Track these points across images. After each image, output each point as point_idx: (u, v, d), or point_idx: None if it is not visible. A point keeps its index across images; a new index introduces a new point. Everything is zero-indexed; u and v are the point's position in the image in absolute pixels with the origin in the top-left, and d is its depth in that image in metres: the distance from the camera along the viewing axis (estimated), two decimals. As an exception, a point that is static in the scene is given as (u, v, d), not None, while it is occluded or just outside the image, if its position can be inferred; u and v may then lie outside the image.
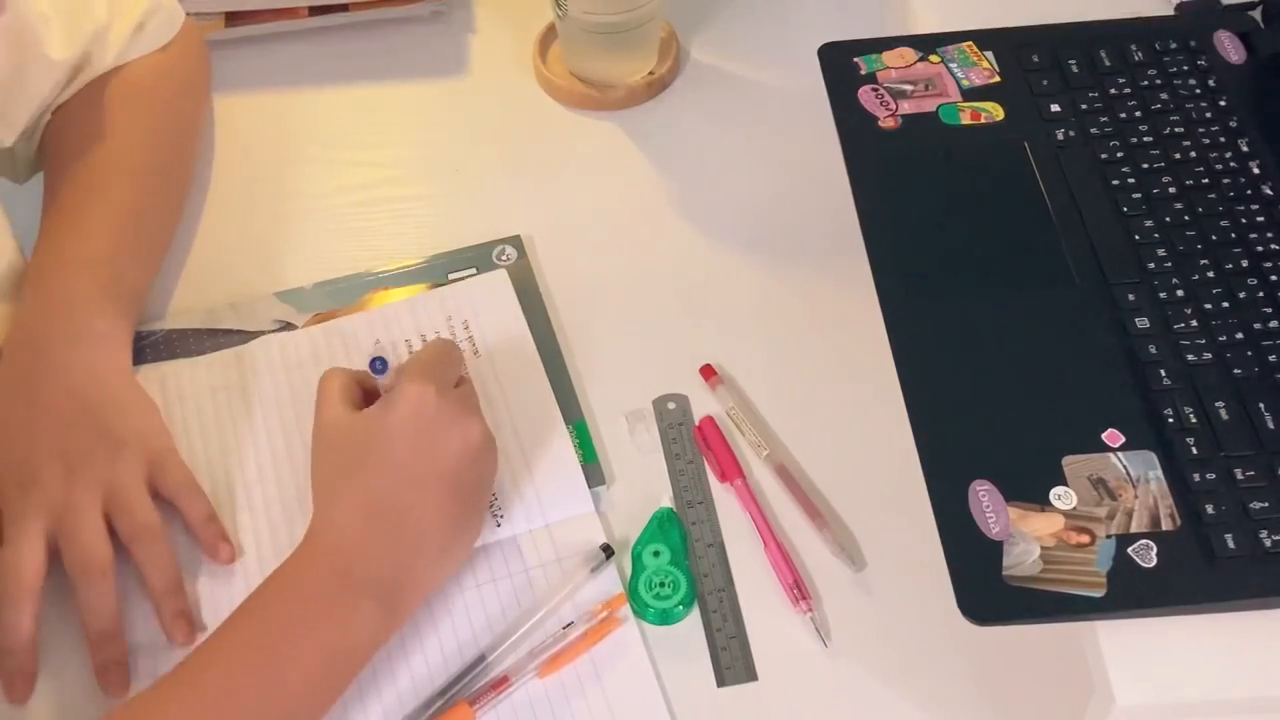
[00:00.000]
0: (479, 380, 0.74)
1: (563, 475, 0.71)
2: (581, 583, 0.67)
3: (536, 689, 0.64)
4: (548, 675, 0.64)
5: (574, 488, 0.70)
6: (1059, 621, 0.58)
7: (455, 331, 0.77)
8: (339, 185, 0.88)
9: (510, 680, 0.64)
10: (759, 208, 0.84)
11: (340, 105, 0.93)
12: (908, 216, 0.72)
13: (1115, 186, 0.73)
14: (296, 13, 0.95)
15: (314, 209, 0.86)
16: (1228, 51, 0.79)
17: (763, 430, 0.73)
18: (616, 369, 0.77)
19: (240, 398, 0.75)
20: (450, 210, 0.86)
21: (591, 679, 0.64)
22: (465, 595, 0.67)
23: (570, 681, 0.64)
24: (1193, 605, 0.58)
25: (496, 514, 0.70)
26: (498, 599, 0.67)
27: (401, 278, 0.81)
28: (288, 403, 0.75)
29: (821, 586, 0.68)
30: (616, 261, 0.82)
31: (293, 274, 0.82)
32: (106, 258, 0.75)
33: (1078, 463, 0.62)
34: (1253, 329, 0.66)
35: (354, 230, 0.85)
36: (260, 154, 0.90)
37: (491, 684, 0.64)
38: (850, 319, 0.75)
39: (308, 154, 0.90)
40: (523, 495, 0.70)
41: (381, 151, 0.88)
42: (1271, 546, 0.59)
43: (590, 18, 0.86)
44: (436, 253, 0.82)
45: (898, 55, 0.80)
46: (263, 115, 0.92)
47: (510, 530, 0.69)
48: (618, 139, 0.89)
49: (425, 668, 0.65)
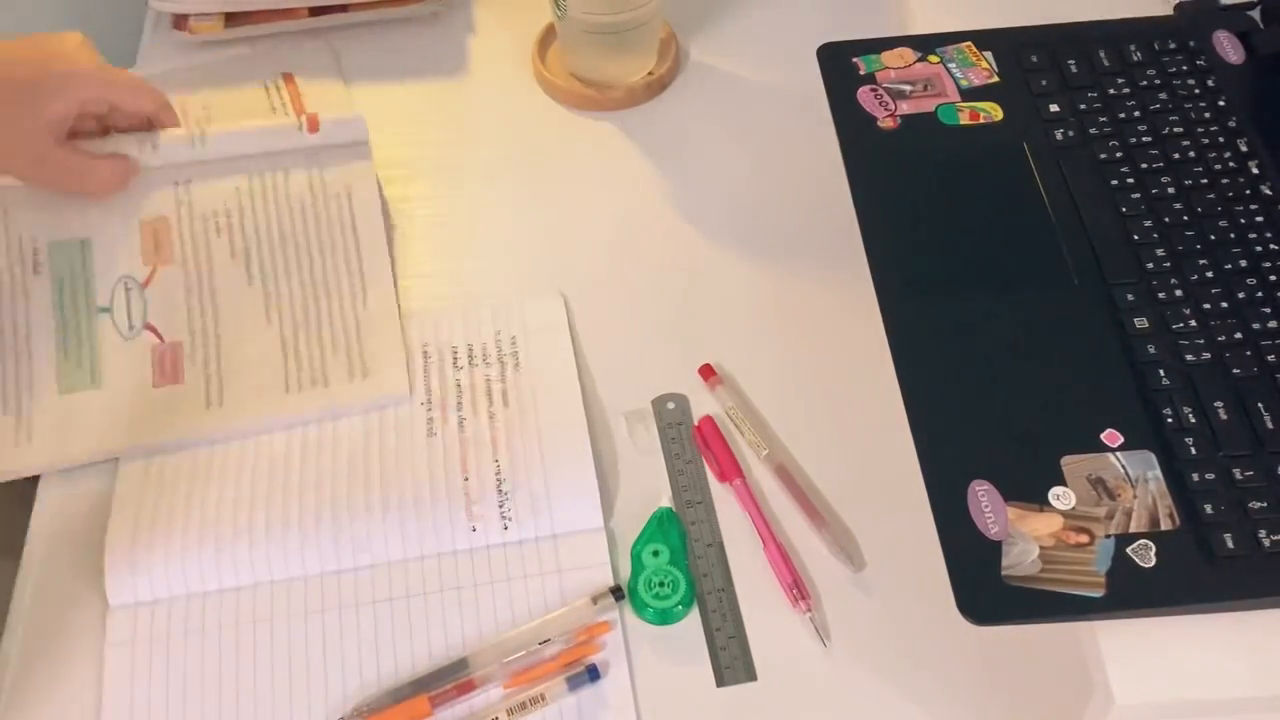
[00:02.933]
0: (514, 391, 0.75)
1: (577, 489, 0.71)
2: (581, 613, 0.67)
3: (499, 702, 0.64)
4: (513, 687, 0.64)
5: (586, 503, 0.71)
6: (1058, 621, 0.58)
7: (501, 346, 0.77)
8: (338, 185, 0.88)
9: (475, 686, 0.64)
10: (758, 207, 0.84)
11: (340, 105, 0.93)
12: (906, 216, 0.72)
13: (1114, 186, 0.73)
14: (296, 13, 0.95)
15: (313, 209, 0.86)
16: (1227, 51, 0.79)
17: (762, 430, 0.73)
18: (616, 368, 0.77)
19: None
20: (450, 210, 0.86)
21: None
22: (461, 594, 0.68)
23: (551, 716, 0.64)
24: (1192, 605, 0.58)
25: (506, 516, 0.70)
26: (492, 601, 0.68)
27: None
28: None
29: (821, 586, 0.68)
30: (616, 261, 0.82)
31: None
32: None
33: (1076, 463, 0.62)
34: (1252, 329, 0.66)
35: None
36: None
37: (457, 686, 0.64)
38: (849, 318, 0.76)
39: (307, 154, 0.90)
40: (534, 503, 0.70)
41: (381, 152, 0.88)
42: (1270, 546, 0.59)
43: (590, 18, 0.86)
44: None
45: (897, 55, 0.80)
46: (262, 115, 0.92)
47: (517, 534, 0.70)
48: (617, 139, 0.89)
49: (410, 654, 0.66)
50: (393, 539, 0.69)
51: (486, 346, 0.77)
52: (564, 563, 0.69)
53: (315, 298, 0.78)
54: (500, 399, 0.74)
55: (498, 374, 0.76)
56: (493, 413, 0.74)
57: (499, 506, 0.70)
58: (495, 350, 0.77)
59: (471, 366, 0.76)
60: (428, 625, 0.67)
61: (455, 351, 0.77)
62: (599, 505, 0.70)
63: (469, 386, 0.75)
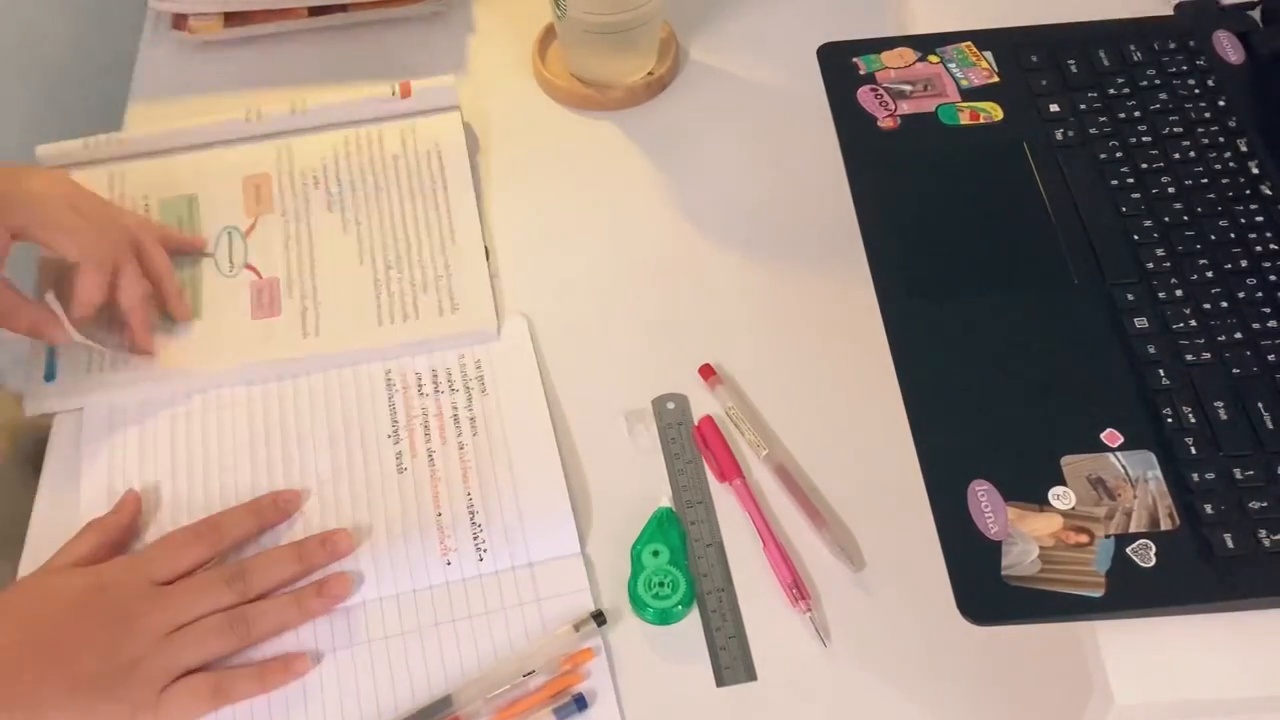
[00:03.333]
0: (483, 417, 0.74)
1: (551, 516, 0.71)
2: (564, 640, 0.66)
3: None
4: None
5: (561, 530, 0.70)
6: (1058, 621, 0.58)
7: (466, 370, 0.77)
8: (338, 185, 0.88)
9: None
10: (758, 207, 0.84)
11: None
12: (906, 216, 0.72)
13: (1114, 186, 0.73)
14: (296, 13, 0.95)
15: (313, 209, 0.86)
16: (1227, 51, 0.79)
17: (762, 430, 0.73)
18: (616, 368, 0.77)
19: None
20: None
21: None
22: (440, 630, 0.67)
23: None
24: (1192, 605, 0.58)
25: (481, 548, 0.69)
26: (472, 636, 0.67)
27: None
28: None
29: (820, 586, 0.68)
30: (615, 261, 0.82)
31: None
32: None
33: (1076, 462, 0.62)
34: (1252, 329, 0.66)
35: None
36: (260, 154, 0.90)
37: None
38: (849, 318, 0.76)
39: (307, 154, 0.90)
40: (508, 531, 0.70)
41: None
42: (1270, 546, 0.59)
43: (590, 18, 0.86)
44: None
45: (897, 55, 0.80)
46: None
47: (493, 565, 0.69)
48: (617, 139, 0.89)
49: (392, 696, 0.65)
50: (367, 579, 0.69)
51: (451, 371, 0.77)
52: (542, 591, 0.68)
53: (406, 241, 0.82)
54: (469, 427, 0.74)
55: (465, 401, 0.75)
56: (462, 443, 0.73)
57: (473, 539, 0.69)
58: (460, 375, 0.76)
59: (438, 394, 0.76)
60: (408, 664, 0.66)
61: (420, 378, 0.77)
62: (574, 531, 0.70)
63: (435, 414, 0.75)
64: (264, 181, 0.85)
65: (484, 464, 0.72)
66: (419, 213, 0.83)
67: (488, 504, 0.71)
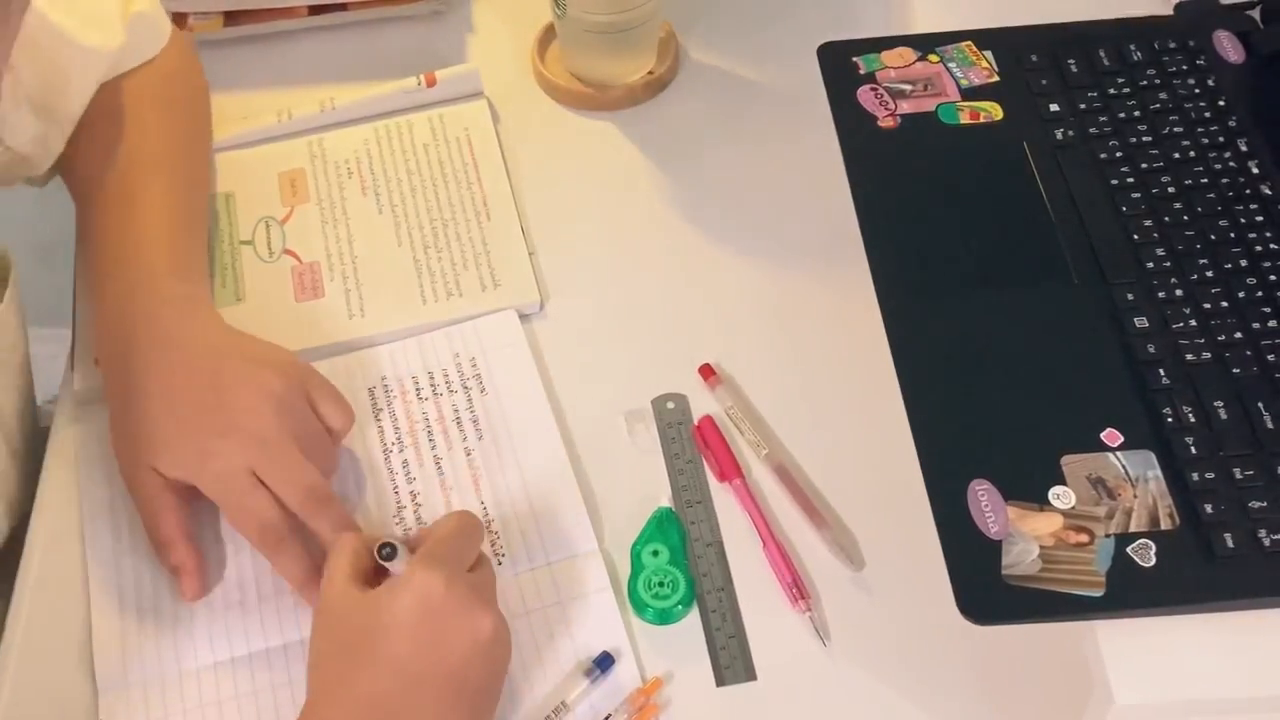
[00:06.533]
0: (485, 418, 0.74)
1: (566, 514, 0.70)
2: (583, 690, 0.64)
3: None
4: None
5: (577, 527, 0.70)
6: (1058, 621, 0.58)
7: (463, 369, 0.76)
8: (338, 185, 0.88)
9: None
10: (757, 207, 0.84)
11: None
12: (906, 216, 0.72)
13: (1114, 186, 0.73)
14: (295, 12, 0.95)
15: (313, 208, 0.86)
16: (1227, 51, 0.79)
17: (761, 430, 0.73)
18: (616, 368, 0.77)
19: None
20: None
21: None
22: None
23: None
24: (1192, 605, 0.58)
25: (499, 553, 0.69)
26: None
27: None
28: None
29: (820, 586, 0.68)
30: (615, 261, 0.82)
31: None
32: (169, 238, 0.75)
33: (1076, 462, 0.62)
34: (1252, 328, 0.66)
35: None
36: (259, 153, 0.90)
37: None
38: (849, 318, 0.75)
39: (307, 153, 0.90)
40: (525, 534, 0.70)
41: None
42: (1270, 546, 0.59)
43: (589, 17, 0.86)
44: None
45: (897, 55, 0.80)
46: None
47: (512, 569, 0.69)
48: (616, 139, 0.89)
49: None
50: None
51: (448, 372, 0.76)
52: (564, 593, 0.68)
53: (442, 221, 0.83)
54: (473, 429, 0.74)
55: (465, 402, 0.75)
56: (468, 448, 0.73)
57: (490, 545, 0.69)
58: (458, 375, 0.76)
59: (436, 396, 0.75)
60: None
61: (416, 381, 0.76)
62: (590, 528, 0.70)
63: (438, 419, 0.74)
64: (299, 176, 0.86)
65: (493, 468, 0.72)
66: (452, 195, 0.85)
67: (501, 509, 0.70)
